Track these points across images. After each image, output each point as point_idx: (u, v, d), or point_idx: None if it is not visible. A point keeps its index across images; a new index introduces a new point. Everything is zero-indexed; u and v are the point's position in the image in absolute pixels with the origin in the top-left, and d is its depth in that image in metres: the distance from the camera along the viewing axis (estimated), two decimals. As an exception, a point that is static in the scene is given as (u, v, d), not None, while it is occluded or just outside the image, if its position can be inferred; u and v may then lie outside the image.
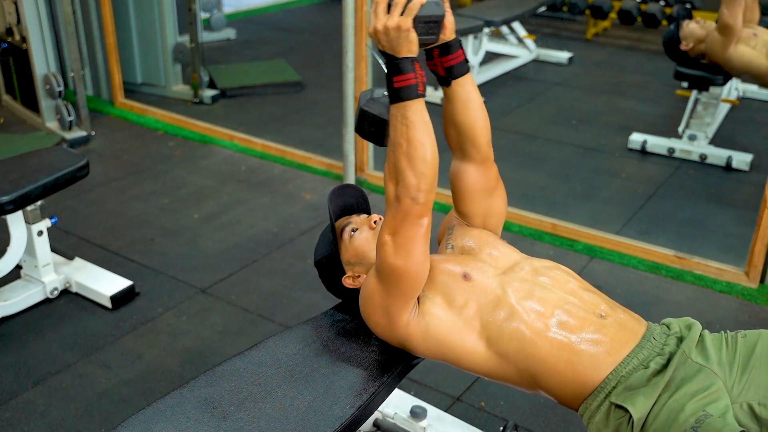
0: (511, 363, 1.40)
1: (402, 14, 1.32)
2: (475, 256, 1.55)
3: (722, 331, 1.42)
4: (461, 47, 1.51)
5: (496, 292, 1.44)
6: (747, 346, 1.35)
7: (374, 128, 1.51)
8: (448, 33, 1.48)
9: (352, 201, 1.73)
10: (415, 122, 1.35)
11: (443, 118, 1.60)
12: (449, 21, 1.46)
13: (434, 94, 4.85)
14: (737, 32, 3.67)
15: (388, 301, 1.44)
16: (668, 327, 1.44)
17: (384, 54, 1.37)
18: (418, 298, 1.46)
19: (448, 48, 1.49)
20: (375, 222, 1.62)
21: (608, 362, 1.34)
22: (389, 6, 1.33)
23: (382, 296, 1.45)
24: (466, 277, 1.47)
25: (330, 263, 1.64)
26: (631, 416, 1.27)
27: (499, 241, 1.62)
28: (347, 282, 1.62)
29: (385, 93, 1.48)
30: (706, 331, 1.41)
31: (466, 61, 1.53)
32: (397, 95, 1.35)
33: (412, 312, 1.45)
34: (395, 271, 1.39)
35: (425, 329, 1.45)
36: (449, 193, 1.65)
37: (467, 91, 1.54)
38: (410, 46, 1.35)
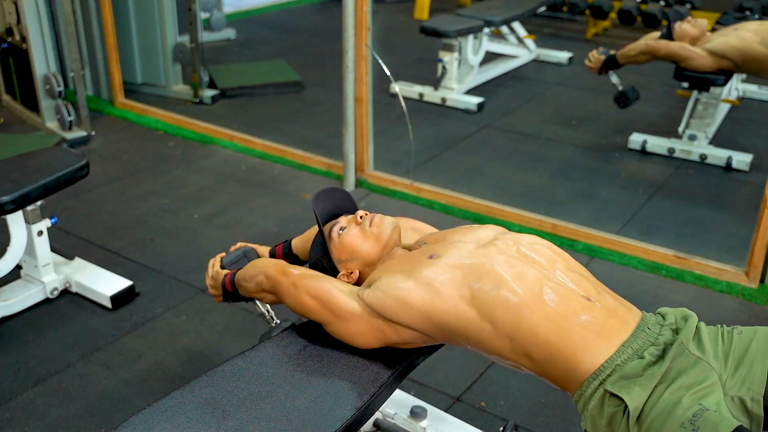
0: (503, 332, 1.39)
1: (213, 270, 1.92)
2: (447, 241, 1.59)
3: (718, 325, 1.42)
4: (275, 245, 2.00)
5: (479, 261, 1.46)
6: (742, 341, 1.36)
7: None
8: (263, 251, 2.00)
9: (339, 203, 1.81)
10: (241, 277, 1.78)
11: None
12: (258, 249, 2.00)
13: (434, 94, 4.87)
14: (682, 47, 3.78)
15: (327, 309, 1.56)
16: (663, 317, 1.44)
17: (224, 297, 1.87)
18: (370, 285, 1.54)
19: (272, 254, 1.99)
20: (360, 217, 1.68)
21: (601, 347, 1.34)
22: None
23: (322, 315, 1.57)
24: (432, 257, 1.51)
25: (323, 265, 1.71)
26: (626, 406, 1.26)
27: (468, 225, 1.70)
28: (342, 279, 1.66)
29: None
30: (703, 323, 1.41)
31: (284, 241, 1.99)
32: (236, 293, 1.82)
33: (354, 295, 1.54)
34: (300, 303, 1.59)
35: (385, 298, 1.48)
36: (449, 192, 1.66)
37: (302, 242, 1.95)
38: (223, 274, 1.88)
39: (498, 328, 1.40)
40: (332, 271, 1.69)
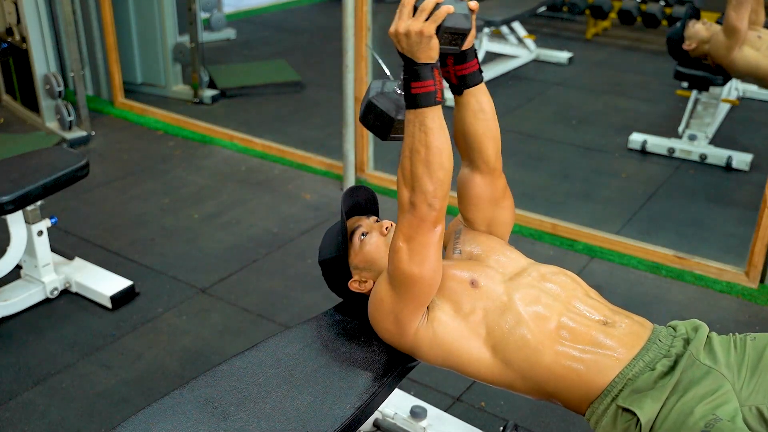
0: (516, 371, 1.39)
1: (427, 20, 1.28)
2: (482, 262, 1.54)
3: (730, 333, 1.41)
4: (476, 56, 1.50)
5: (502, 299, 1.43)
6: (756, 348, 1.34)
7: (379, 123, 1.48)
8: (467, 43, 1.45)
9: (362, 202, 1.71)
10: (434, 129, 1.32)
11: (454, 125, 1.58)
12: (471, 33, 1.43)
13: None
14: (743, 35, 3.63)
15: (400, 307, 1.43)
16: (674, 329, 1.43)
17: (403, 57, 1.33)
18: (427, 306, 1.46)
19: (463, 56, 1.47)
20: (386, 228, 1.60)
21: (613, 365, 1.34)
22: (415, 9, 1.29)
23: (393, 303, 1.44)
24: (473, 283, 1.46)
25: (337, 265, 1.63)
26: (638, 419, 1.26)
27: (506, 246, 1.61)
28: (353, 286, 1.60)
29: (397, 90, 1.48)
30: (714, 333, 1.40)
31: (480, 71, 1.51)
32: (415, 101, 1.32)
33: (422, 320, 1.45)
34: (409, 279, 1.38)
35: (432, 337, 1.44)
36: (449, 192, 1.65)
37: (479, 101, 1.52)
38: (431, 53, 1.31)
39: (515, 369, 1.40)
40: (345, 273, 1.62)
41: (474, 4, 1.37)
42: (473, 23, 1.39)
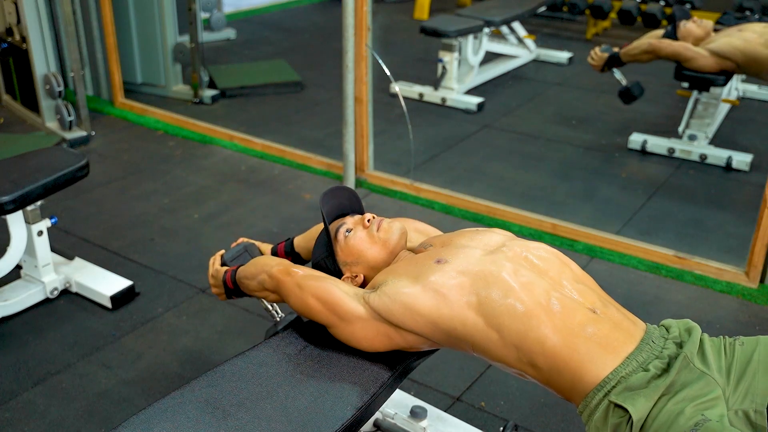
0: (509, 341, 1.39)
1: (214, 267, 1.91)
2: (453, 245, 1.58)
3: (721, 336, 1.42)
4: (278, 243, 1.99)
5: (487, 268, 1.45)
6: (744, 353, 1.36)
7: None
8: (265, 248, 2.00)
9: (345, 202, 1.78)
10: (243, 275, 1.77)
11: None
12: (260, 246, 2.00)
13: (434, 94, 4.87)
14: (685, 47, 3.78)
15: (332, 312, 1.54)
16: (667, 329, 1.43)
17: (227, 294, 1.85)
18: (375, 288, 1.53)
19: (274, 253, 1.98)
20: (368, 221, 1.67)
21: (606, 359, 1.34)
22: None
23: (327, 317, 1.56)
24: (439, 261, 1.50)
25: (326, 266, 1.70)
26: (630, 417, 1.27)
27: (474, 228, 1.68)
28: (346, 282, 1.65)
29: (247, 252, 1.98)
30: (705, 335, 1.41)
31: (286, 239, 1.97)
32: (238, 289, 1.80)
33: (360, 298, 1.53)
34: (304, 304, 1.58)
35: (392, 303, 1.47)
36: (449, 192, 1.65)
37: (306, 244, 1.92)
38: (224, 271, 1.86)
39: (504, 337, 1.39)
40: (336, 272, 1.68)
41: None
42: (248, 241, 2.01)
